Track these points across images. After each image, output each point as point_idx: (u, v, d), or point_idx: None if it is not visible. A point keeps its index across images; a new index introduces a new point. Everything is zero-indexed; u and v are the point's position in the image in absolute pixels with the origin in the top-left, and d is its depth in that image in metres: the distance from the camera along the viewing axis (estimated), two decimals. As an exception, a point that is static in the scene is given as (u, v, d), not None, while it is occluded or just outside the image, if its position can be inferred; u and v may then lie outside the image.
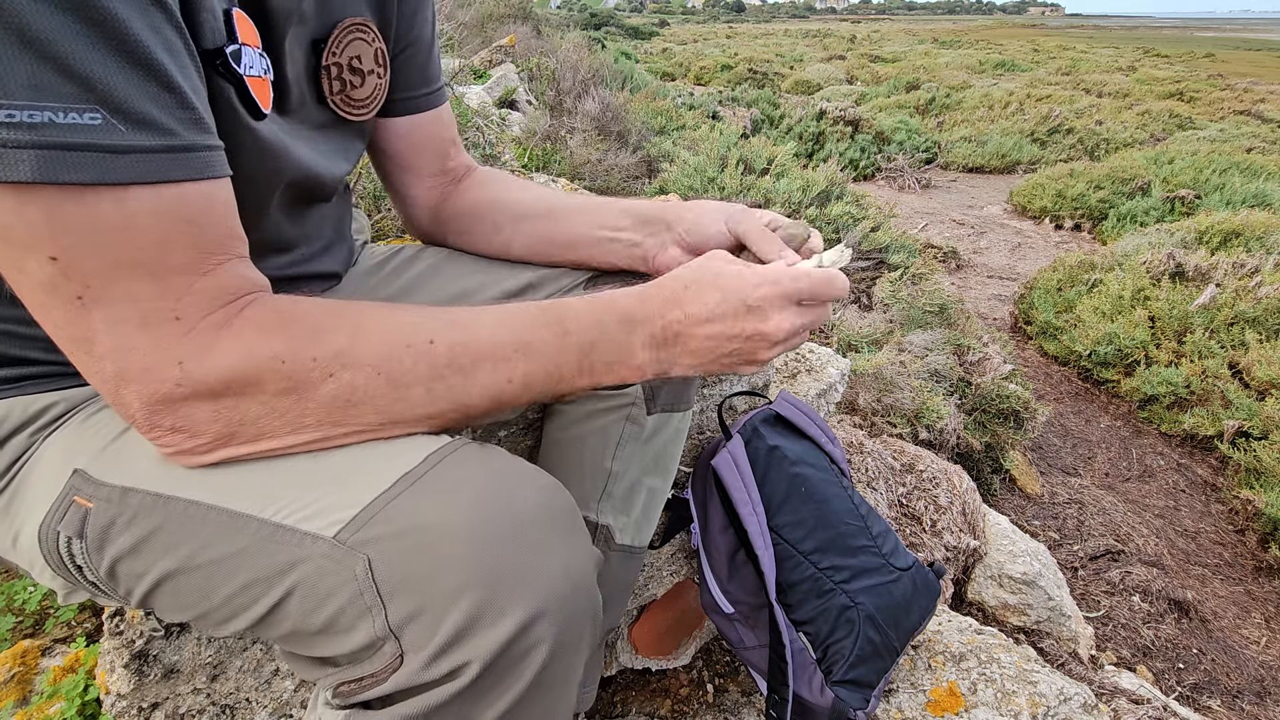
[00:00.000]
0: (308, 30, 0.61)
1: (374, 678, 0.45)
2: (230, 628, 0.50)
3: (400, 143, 0.79)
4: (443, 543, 0.44)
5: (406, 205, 0.85)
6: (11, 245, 0.40)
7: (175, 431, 0.46)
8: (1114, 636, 1.91)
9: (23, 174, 0.37)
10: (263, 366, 0.46)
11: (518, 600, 0.44)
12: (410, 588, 0.44)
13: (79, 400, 0.57)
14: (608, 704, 1.19)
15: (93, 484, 0.51)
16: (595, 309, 0.57)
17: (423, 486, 0.47)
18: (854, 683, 0.93)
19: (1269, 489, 2.45)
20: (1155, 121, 9.00)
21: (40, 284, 0.41)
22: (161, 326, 0.43)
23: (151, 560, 0.49)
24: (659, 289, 0.59)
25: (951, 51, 20.65)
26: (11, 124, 0.37)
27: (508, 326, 0.53)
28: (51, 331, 0.44)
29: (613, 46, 12.88)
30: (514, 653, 0.44)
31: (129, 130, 0.40)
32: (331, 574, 0.45)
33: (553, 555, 0.46)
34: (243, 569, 0.47)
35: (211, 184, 0.45)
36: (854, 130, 7.62)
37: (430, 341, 0.51)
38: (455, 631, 0.43)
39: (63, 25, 0.37)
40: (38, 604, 1.21)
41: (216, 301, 0.46)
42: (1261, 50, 29.70)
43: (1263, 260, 3.45)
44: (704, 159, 3.76)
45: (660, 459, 0.85)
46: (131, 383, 0.44)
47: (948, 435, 2.35)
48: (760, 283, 0.57)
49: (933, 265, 3.34)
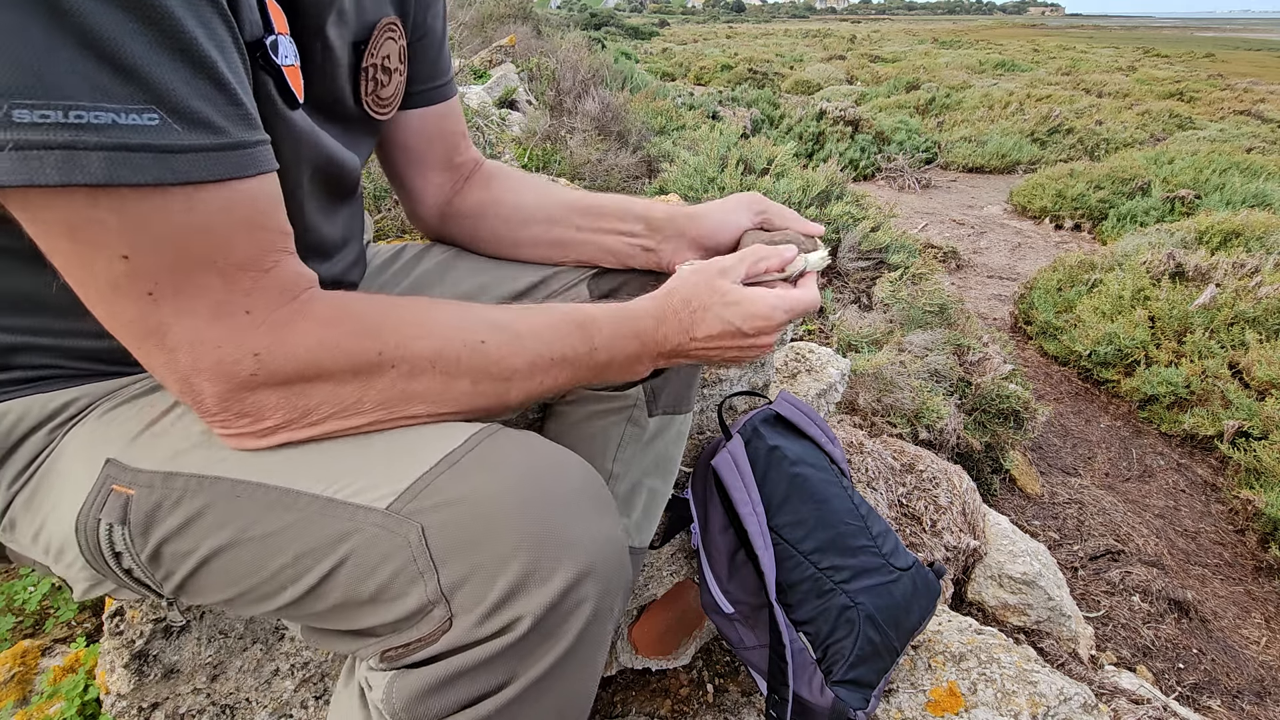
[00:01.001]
0: (349, 31, 0.61)
1: (422, 641, 0.47)
2: (273, 603, 0.51)
3: (411, 136, 0.79)
4: (493, 511, 0.47)
5: (414, 201, 0.85)
6: (80, 244, 0.41)
7: (243, 416, 0.49)
8: (1114, 636, 1.91)
9: (94, 175, 0.38)
10: (331, 357, 0.49)
11: (565, 560, 0.47)
12: (462, 553, 0.46)
13: (97, 395, 0.58)
14: (608, 704, 1.19)
15: (130, 472, 0.52)
16: (619, 331, 0.62)
17: (468, 463, 0.50)
18: (854, 683, 0.93)
19: (1269, 489, 2.45)
20: (1155, 121, 9.00)
21: (109, 281, 0.43)
22: (234, 319, 0.46)
23: (200, 538, 0.50)
24: (674, 315, 0.65)
25: (951, 51, 20.65)
26: (80, 125, 0.37)
27: (544, 338, 0.58)
28: (117, 327, 0.45)
29: (613, 46, 12.88)
30: (563, 609, 0.47)
31: (184, 130, 0.41)
32: (385, 542, 0.47)
33: (594, 522, 0.50)
34: (295, 541, 0.49)
35: (262, 179, 0.46)
36: (854, 130, 7.62)
37: (482, 342, 0.54)
38: (508, 590, 0.46)
39: (121, 25, 0.37)
40: (38, 604, 1.21)
41: (284, 296, 0.48)
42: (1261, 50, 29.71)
43: (1263, 260, 3.44)
44: (704, 159, 3.76)
45: (661, 461, 0.85)
46: (205, 372, 0.46)
47: (948, 435, 2.35)
48: (754, 315, 0.66)
49: (933, 265, 3.34)
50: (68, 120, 0.37)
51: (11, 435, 0.56)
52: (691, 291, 0.66)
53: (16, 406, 0.55)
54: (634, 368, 0.65)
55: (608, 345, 0.61)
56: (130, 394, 0.57)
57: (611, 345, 0.62)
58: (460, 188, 0.84)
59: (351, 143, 0.68)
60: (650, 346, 0.64)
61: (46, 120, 0.37)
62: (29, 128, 0.37)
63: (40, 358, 0.56)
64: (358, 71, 0.64)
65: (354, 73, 0.64)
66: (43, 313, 0.54)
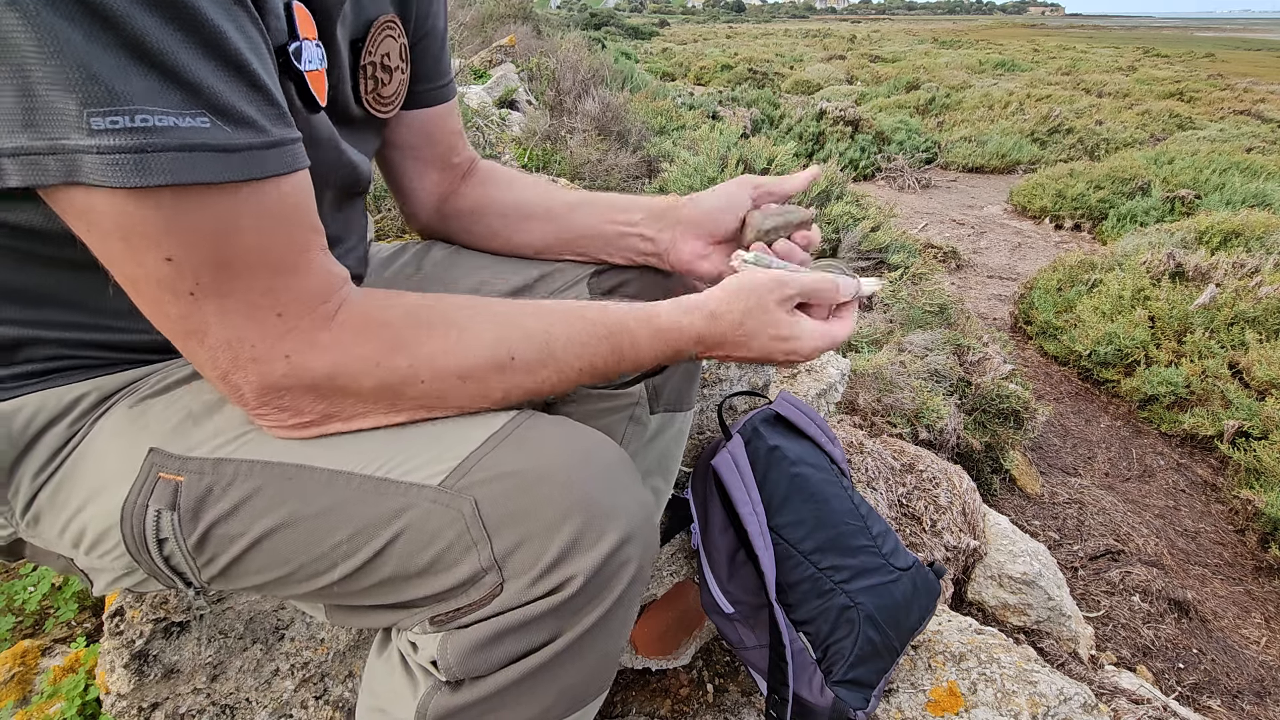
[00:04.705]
0: (348, 30, 0.62)
1: (473, 605, 0.50)
2: (319, 582, 0.53)
3: (412, 135, 0.80)
4: (541, 482, 0.50)
5: (410, 200, 0.85)
6: (131, 244, 0.43)
7: (282, 410, 0.51)
8: (1114, 636, 1.91)
9: (162, 177, 0.40)
10: (358, 369, 0.51)
11: (612, 525, 0.50)
12: (514, 521, 0.49)
13: (110, 389, 0.58)
14: (607, 704, 1.19)
15: (177, 460, 0.53)
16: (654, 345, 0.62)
17: (513, 441, 0.53)
18: (854, 683, 0.93)
19: (1269, 489, 2.45)
20: (1155, 121, 9.00)
21: (157, 280, 0.44)
22: (266, 321, 0.47)
23: (251, 520, 0.52)
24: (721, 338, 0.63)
25: (951, 51, 20.65)
26: (147, 129, 0.39)
27: (576, 351, 0.59)
28: (163, 324, 0.47)
29: (613, 46, 12.87)
30: (610, 567, 0.50)
31: (234, 130, 0.42)
32: (439, 516, 0.50)
33: (632, 491, 0.54)
34: (349, 519, 0.51)
35: (299, 176, 0.48)
36: (854, 130, 7.61)
37: (512, 359, 0.56)
38: (560, 552, 0.49)
39: (166, 33, 0.39)
40: (38, 604, 1.21)
41: (315, 300, 0.49)
42: (1261, 50, 29.70)
43: (1263, 260, 3.44)
44: (704, 159, 3.76)
45: (663, 459, 0.85)
46: (243, 369, 0.48)
47: (948, 435, 2.35)
48: (795, 350, 0.65)
49: (933, 265, 3.34)
50: (135, 124, 0.39)
51: (30, 429, 0.56)
52: (744, 315, 0.63)
53: (32, 400, 0.56)
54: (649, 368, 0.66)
55: (636, 356, 0.61)
56: (155, 388, 0.58)
57: (642, 357, 0.62)
58: (457, 186, 0.85)
59: (359, 143, 0.68)
60: (681, 358, 0.65)
61: (117, 126, 0.38)
62: (105, 134, 0.38)
63: (48, 350, 0.56)
64: (356, 70, 0.64)
65: (353, 71, 0.64)
66: (46, 305, 0.54)
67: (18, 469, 0.56)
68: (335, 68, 0.60)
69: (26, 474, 0.57)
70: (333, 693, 0.92)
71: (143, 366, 0.59)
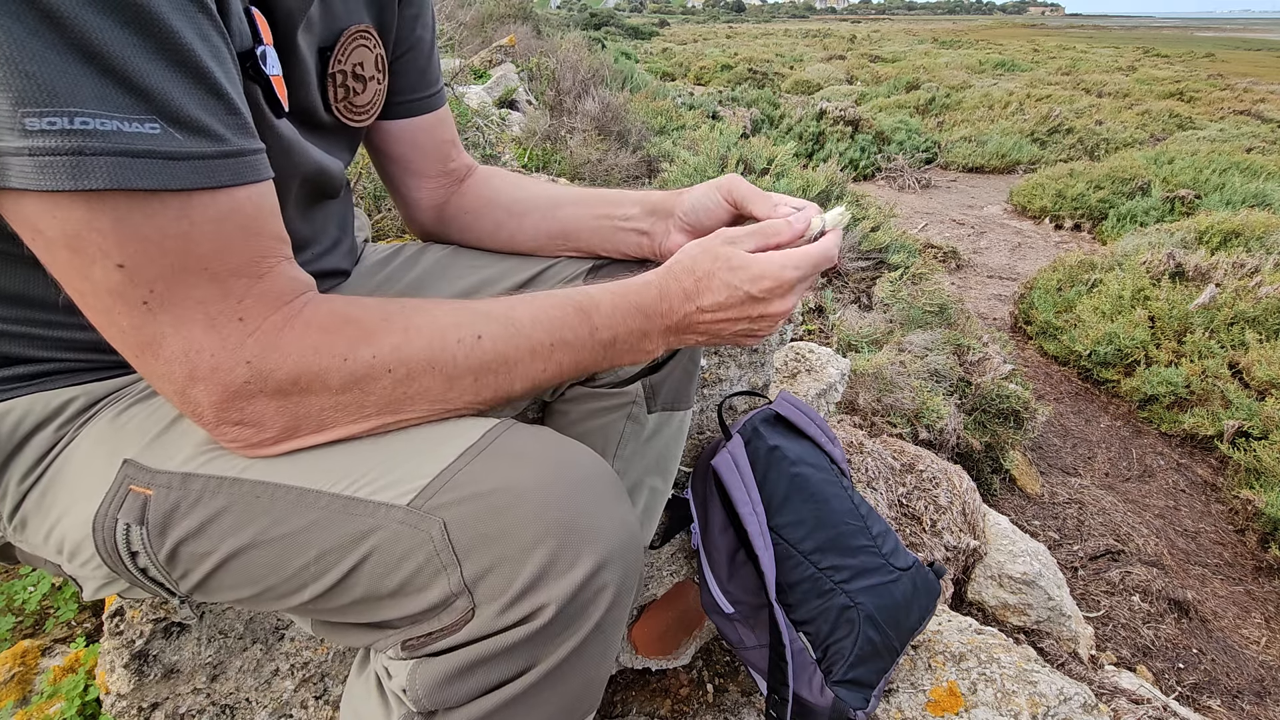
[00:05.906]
0: (315, 38, 0.61)
1: (444, 631, 0.48)
2: (292, 601, 0.51)
3: (401, 146, 0.80)
4: (513, 503, 0.48)
5: (409, 207, 0.86)
6: (79, 253, 0.41)
7: (242, 425, 0.49)
8: (1114, 636, 1.91)
9: (99, 181, 0.39)
10: (326, 365, 0.49)
11: (586, 549, 0.48)
12: (484, 545, 0.47)
13: (99, 395, 0.58)
14: (608, 704, 1.19)
15: (148, 472, 0.52)
16: (619, 306, 0.60)
17: (487, 457, 0.50)
18: (854, 683, 0.93)
19: (1269, 489, 2.45)
20: (1155, 121, 9.00)
21: (108, 290, 0.42)
22: (227, 328, 0.46)
23: (218, 540, 0.51)
24: (676, 283, 0.62)
25: (951, 51, 20.65)
26: (86, 131, 0.38)
27: (544, 325, 0.57)
28: (115, 336, 0.45)
29: (613, 46, 12.87)
30: (585, 595, 0.48)
31: (185, 138, 0.41)
32: (407, 538, 0.48)
33: (611, 510, 0.51)
34: (317, 541, 0.49)
35: (260, 186, 0.46)
36: (854, 130, 7.62)
37: (479, 338, 0.54)
38: (531, 579, 0.46)
39: (119, 36, 0.38)
40: (38, 604, 1.21)
41: (277, 302, 0.48)
42: (1261, 50, 29.70)
43: (1263, 260, 3.44)
44: (704, 159, 3.76)
45: (662, 458, 0.85)
46: (200, 381, 0.46)
47: (948, 435, 2.35)
48: (762, 275, 0.62)
49: (933, 265, 3.34)
50: (73, 126, 0.37)
51: (16, 433, 0.56)
52: (694, 260, 0.63)
53: (20, 404, 0.56)
54: (642, 345, 0.62)
55: (609, 323, 0.59)
56: (140, 394, 0.58)
57: (613, 322, 0.60)
58: (455, 190, 0.85)
59: (331, 149, 0.68)
60: (656, 320, 0.62)
61: (54, 127, 0.37)
62: (39, 135, 0.37)
63: (38, 351, 0.56)
64: (325, 78, 0.64)
65: (320, 79, 0.64)
66: (34, 308, 0.54)
67: (5, 473, 0.56)
68: (297, 74, 0.60)
69: (14, 478, 0.56)
70: (333, 693, 0.92)
71: (131, 373, 0.59)
